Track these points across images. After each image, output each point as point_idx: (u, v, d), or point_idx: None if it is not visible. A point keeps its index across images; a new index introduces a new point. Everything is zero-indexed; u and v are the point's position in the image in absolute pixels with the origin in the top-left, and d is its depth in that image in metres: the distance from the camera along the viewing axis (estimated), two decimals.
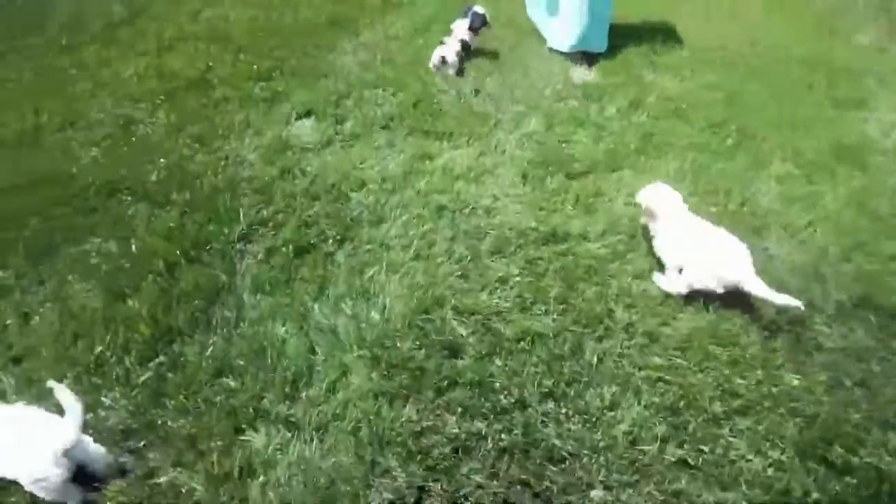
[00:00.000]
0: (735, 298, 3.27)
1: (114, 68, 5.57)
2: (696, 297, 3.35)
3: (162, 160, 4.41)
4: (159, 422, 2.81)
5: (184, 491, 2.57)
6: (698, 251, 3.30)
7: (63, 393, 2.37)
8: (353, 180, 4.24)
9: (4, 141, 4.65)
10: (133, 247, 3.68)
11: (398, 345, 3.13)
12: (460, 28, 5.52)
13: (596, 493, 2.62)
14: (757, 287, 3.09)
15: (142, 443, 2.74)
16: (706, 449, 2.77)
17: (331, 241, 3.76)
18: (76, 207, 3.99)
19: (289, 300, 3.35)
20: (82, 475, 2.52)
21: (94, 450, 2.53)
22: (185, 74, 5.43)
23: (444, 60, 5.33)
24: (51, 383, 2.42)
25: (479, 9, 5.57)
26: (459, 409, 2.86)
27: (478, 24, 5.56)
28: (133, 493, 2.54)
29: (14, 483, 2.44)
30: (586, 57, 5.63)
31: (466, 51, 5.50)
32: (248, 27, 6.23)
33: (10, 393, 2.87)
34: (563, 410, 2.88)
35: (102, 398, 2.88)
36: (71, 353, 3.08)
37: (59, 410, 2.39)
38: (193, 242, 3.70)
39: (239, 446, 2.71)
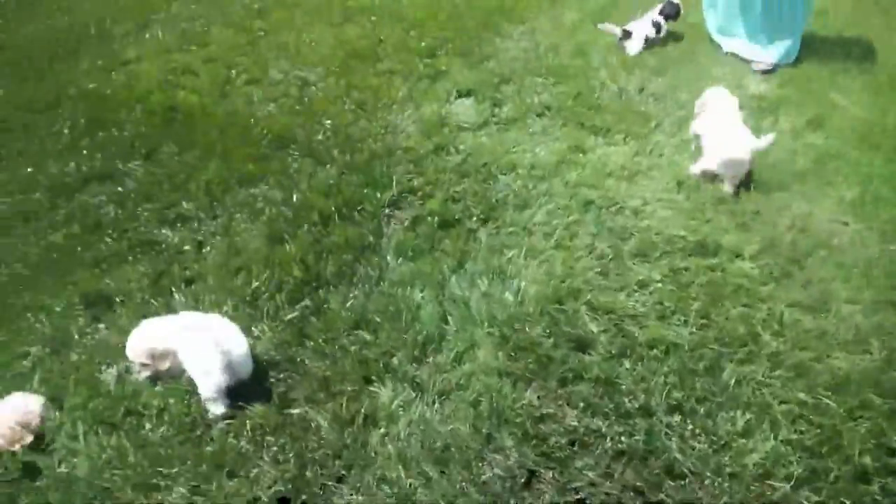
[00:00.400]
0: None
1: (297, 33, 5.99)
2: (864, 341, 3.06)
3: (328, 122, 4.71)
4: (298, 359, 3.02)
5: (312, 426, 2.75)
6: (717, 138, 4.06)
7: None
8: (503, 163, 4.28)
9: (202, 90, 5.15)
10: (294, 197, 3.96)
11: (527, 329, 3.13)
12: (654, 11, 5.48)
13: None
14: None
15: (281, 375, 2.95)
16: (847, 503, 2.51)
17: (475, 218, 3.83)
18: (251, 154, 4.36)
19: (429, 268, 3.45)
20: (231, 390, 2.77)
21: (249, 371, 2.79)
22: (359, 45, 5.74)
23: (628, 34, 5.25)
24: None
25: None
26: (581, 404, 2.81)
27: (669, 12, 5.45)
28: (268, 418, 2.75)
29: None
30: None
31: (652, 38, 5.42)
32: (421, 5, 6.44)
33: (179, 309, 3.20)
34: (690, 427, 2.74)
35: (252, 328, 3.14)
36: (232, 283, 3.38)
37: None
38: (347, 201, 3.92)
39: (366, 395, 2.85)
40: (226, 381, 2.72)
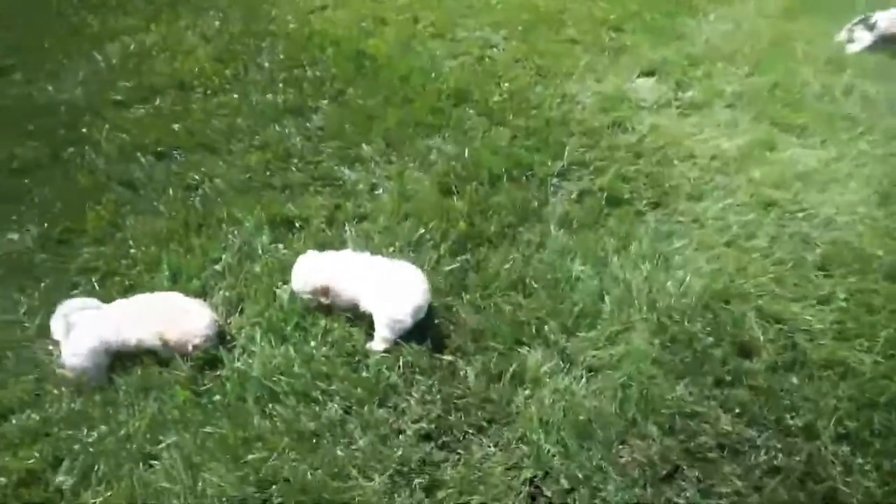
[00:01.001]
0: None
1: None
2: None
3: (506, 84, 4.73)
4: (454, 309, 3.11)
5: (460, 374, 2.84)
6: None
7: None
8: (681, 149, 4.10)
9: (389, 40, 5.36)
10: (466, 153, 4.04)
11: (687, 323, 3.01)
12: None
13: None
14: None
15: (437, 320, 3.07)
16: None
17: (645, 201, 3.72)
18: (429, 107, 4.49)
19: (592, 244, 3.40)
20: None
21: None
22: (545, 11, 5.68)
23: (870, 24, 4.78)
24: None
25: None
26: (737, 409, 2.68)
27: None
28: (419, 359, 2.87)
29: None
30: None
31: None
32: None
33: (349, 244, 3.42)
34: (860, 460, 2.52)
35: None
36: (399, 227, 3.54)
37: None
38: (517, 164, 3.94)
39: (516, 356, 2.89)
40: (411, 324, 2.87)
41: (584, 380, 2.80)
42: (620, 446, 2.58)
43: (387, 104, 4.54)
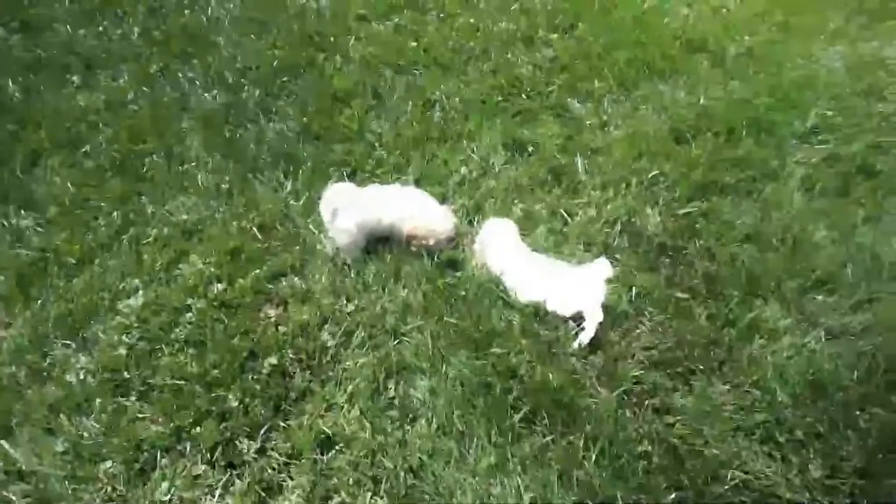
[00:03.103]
0: None
1: None
2: None
3: (747, 38, 4.51)
4: (685, 252, 3.13)
5: (694, 313, 2.87)
6: None
7: None
8: None
9: None
10: (701, 101, 3.96)
11: None
12: None
13: None
14: None
15: (667, 259, 3.11)
16: None
17: None
18: (661, 52, 4.41)
19: (839, 210, 3.25)
20: None
21: None
22: None
23: None
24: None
25: None
26: None
27: None
28: (653, 290, 2.94)
29: None
30: None
31: None
32: None
33: (582, 172, 3.51)
34: None
35: (647, 209, 3.32)
36: (632, 164, 3.57)
37: None
38: (755, 120, 3.81)
39: (751, 306, 2.87)
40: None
41: (822, 340, 2.74)
42: (859, 413, 2.53)
43: (618, 44, 4.50)
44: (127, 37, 4.99)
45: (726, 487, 2.31)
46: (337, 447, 2.48)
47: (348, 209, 3.15)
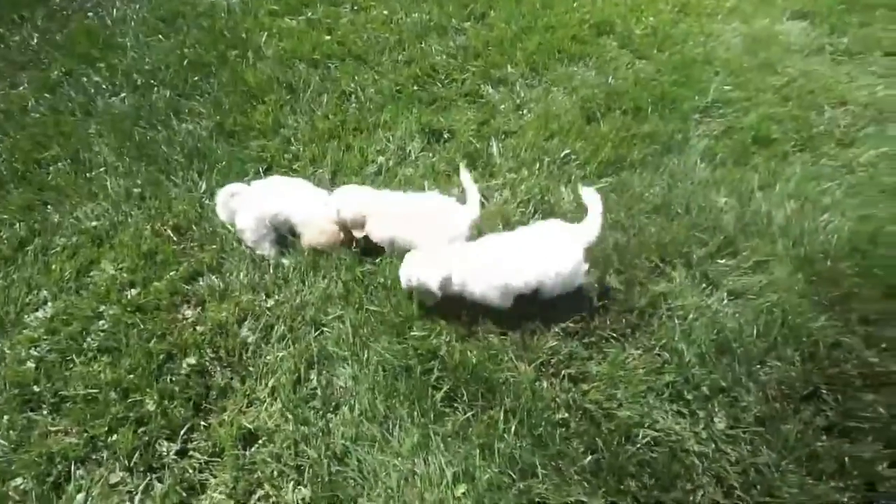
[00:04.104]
0: None
1: None
2: None
3: (651, 18, 4.68)
4: None
5: (605, 282, 2.98)
6: None
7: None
8: (832, 95, 3.99)
9: None
10: (610, 81, 4.09)
11: (833, 261, 3.02)
12: None
13: None
14: None
15: None
16: None
17: (792, 143, 3.68)
18: (570, 36, 4.53)
19: (737, 178, 3.43)
20: None
21: None
22: None
23: None
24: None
25: None
26: (883, 345, 2.70)
27: None
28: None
29: None
30: None
31: None
32: None
33: (497, 155, 3.58)
34: None
35: (562, 188, 3.41)
36: (545, 144, 3.67)
37: None
38: (661, 97, 3.96)
39: (659, 273, 3.01)
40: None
41: (725, 301, 2.89)
42: (759, 366, 2.68)
43: (529, 30, 4.60)
44: (26, 42, 4.78)
45: (638, 446, 2.42)
46: (260, 441, 2.48)
47: (243, 208, 3.13)
